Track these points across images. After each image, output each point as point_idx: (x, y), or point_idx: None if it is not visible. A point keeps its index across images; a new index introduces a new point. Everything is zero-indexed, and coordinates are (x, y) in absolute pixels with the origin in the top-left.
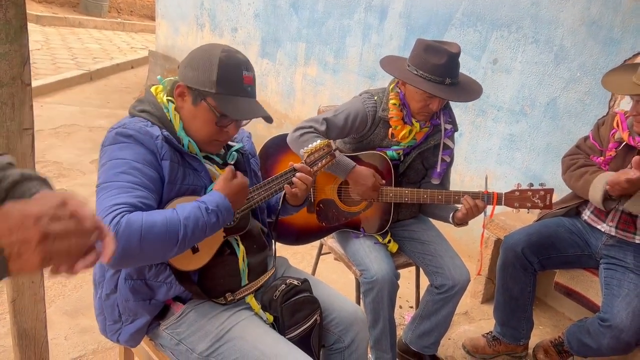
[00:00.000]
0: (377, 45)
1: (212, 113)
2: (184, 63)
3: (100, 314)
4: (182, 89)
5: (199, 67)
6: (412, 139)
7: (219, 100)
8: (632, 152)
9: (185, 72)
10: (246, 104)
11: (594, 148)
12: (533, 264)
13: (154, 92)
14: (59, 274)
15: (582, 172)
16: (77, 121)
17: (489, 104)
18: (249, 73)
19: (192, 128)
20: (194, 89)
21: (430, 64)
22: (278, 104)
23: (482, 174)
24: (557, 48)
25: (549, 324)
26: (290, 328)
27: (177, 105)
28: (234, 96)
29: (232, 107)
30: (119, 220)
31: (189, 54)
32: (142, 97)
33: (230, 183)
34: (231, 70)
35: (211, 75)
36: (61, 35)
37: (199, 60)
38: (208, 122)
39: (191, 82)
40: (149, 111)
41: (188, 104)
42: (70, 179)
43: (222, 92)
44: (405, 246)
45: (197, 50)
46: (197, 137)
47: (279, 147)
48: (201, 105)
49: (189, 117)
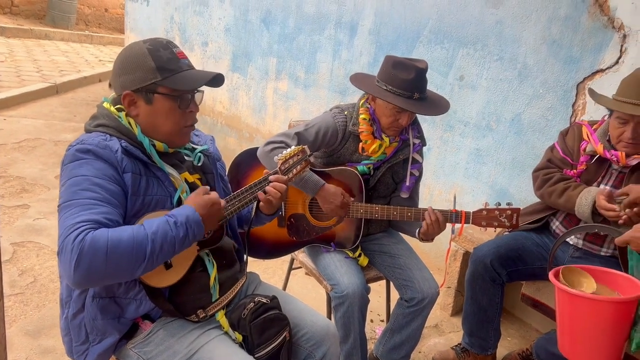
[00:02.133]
0: (347, 61)
1: (170, 99)
2: (116, 74)
3: (67, 335)
4: (130, 97)
5: (133, 67)
6: (382, 154)
7: (168, 83)
8: (604, 164)
9: (124, 80)
10: (194, 74)
11: (565, 162)
12: (501, 276)
13: (106, 106)
14: None
15: (563, 188)
16: (42, 135)
17: (456, 119)
18: (178, 49)
19: (156, 127)
20: (141, 88)
21: (399, 79)
22: (249, 118)
23: (450, 188)
24: (521, 65)
25: (516, 335)
26: (260, 346)
27: (132, 115)
28: (178, 73)
29: (184, 82)
30: (83, 237)
31: (115, 66)
32: (96, 113)
33: (202, 197)
34: (163, 53)
35: (149, 66)
36: (26, 47)
37: (130, 62)
38: (170, 111)
39: (134, 84)
40: (105, 124)
41: (142, 106)
42: (34, 195)
43: (167, 75)
44: (376, 260)
45: (121, 57)
46: (165, 134)
47: (250, 161)
48: (155, 98)
49: (149, 119)
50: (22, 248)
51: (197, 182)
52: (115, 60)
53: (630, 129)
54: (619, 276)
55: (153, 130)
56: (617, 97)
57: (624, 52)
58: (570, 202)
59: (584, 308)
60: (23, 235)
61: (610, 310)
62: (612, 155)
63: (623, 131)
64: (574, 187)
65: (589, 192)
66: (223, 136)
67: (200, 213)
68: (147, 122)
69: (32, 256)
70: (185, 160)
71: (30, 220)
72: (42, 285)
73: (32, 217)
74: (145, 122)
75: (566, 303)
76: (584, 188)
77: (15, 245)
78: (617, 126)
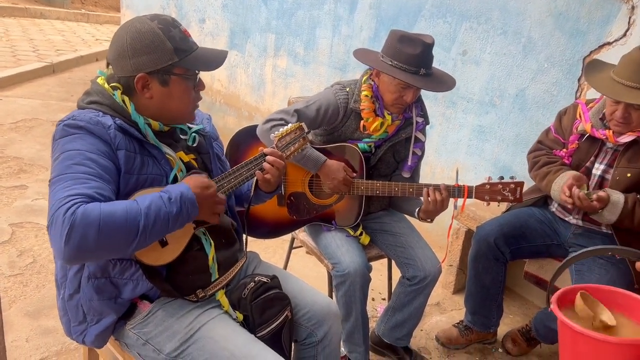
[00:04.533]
0: (347, 36)
1: (186, 80)
2: (123, 56)
3: (65, 315)
4: (144, 79)
5: (147, 48)
6: (384, 132)
7: (185, 64)
8: (595, 143)
9: (137, 62)
10: (208, 53)
11: (557, 142)
12: (505, 254)
13: (100, 82)
14: None
15: (545, 172)
16: (39, 115)
17: (458, 95)
18: (183, 26)
19: (167, 108)
20: (157, 70)
21: (405, 54)
22: (248, 96)
23: (452, 166)
24: (525, 39)
25: (518, 313)
26: (261, 326)
27: (144, 98)
28: (192, 54)
29: (201, 63)
30: (75, 210)
31: (120, 45)
32: (89, 89)
33: (197, 178)
34: (175, 33)
35: (166, 47)
36: (22, 26)
37: (142, 43)
38: (186, 92)
39: (150, 66)
40: (98, 101)
41: (156, 89)
42: (32, 175)
43: (182, 56)
44: (377, 238)
45: (129, 36)
46: (176, 114)
47: (248, 139)
48: (172, 80)
49: (162, 101)
50: (20, 229)
51: (193, 162)
52: (117, 39)
53: (621, 110)
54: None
55: (162, 111)
56: (614, 75)
57: (632, 24)
58: (549, 186)
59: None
60: (21, 216)
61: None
62: (600, 134)
63: (615, 109)
64: (554, 172)
65: (563, 178)
66: (222, 115)
67: (195, 192)
68: (159, 104)
69: (31, 237)
70: (181, 140)
71: (29, 201)
72: (42, 265)
73: (31, 197)
74: (158, 104)
75: (570, 339)
76: (563, 172)
77: (14, 226)
78: (611, 104)
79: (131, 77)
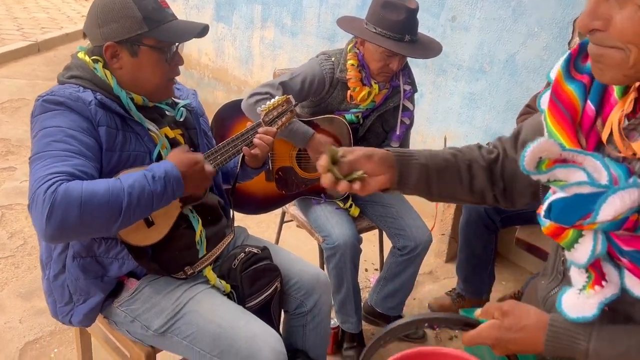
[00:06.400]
0: (334, 5)
1: (157, 51)
2: (94, 24)
3: (50, 296)
4: (112, 48)
5: (115, 16)
6: (371, 102)
7: (156, 35)
8: None
9: (106, 31)
10: (181, 25)
11: None
12: (495, 222)
13: (80, 56)
14: None
15: None
16: (25, 95)
17: (448, 62)
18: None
19: (140, 81)
20: (126, 39)
21: (389, 21)
22: (236, 69)
23: (443, 135)
24: (515, 3)
25: (510, 279)
26: (251, 297)
27: (114, 68)
28: (165, 24)
29: (172, 34)
30: (56, 188)
31: (93, 13)
32: (69, 63)
33: (184, 154)
34: (148, 2)
35: (135, 16)
36: (5, 4)
37: (112, 11)
38: (157, 63)
39: (118, 35)
40: (78, 76)
41: (126, 59)
42: (20, 156)
43: (153, 26)
44: (367, 210)
45: (101, 5)
46: (149, 88)
47: (234, 113)
48: (142, 50)
49: (133, 73)
50: (10, 211)
51: (179, 137)
52: (91, 8)
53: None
54: None
55: (135, 83)
56: None
57: None
58: None
59: None
60: (10, 197)
61: None
62: None
63: None
64: None
65: None
66: (211, 90)
67: (180, 170)
68: (130, 75)
69: (21, 218)
70: (166, 115)
71: (18, 183)
72: (33, 247)
73: (19, 179)
74: (129, 75)
75: None
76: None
77: (3, 208)
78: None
79: (102, 46)
